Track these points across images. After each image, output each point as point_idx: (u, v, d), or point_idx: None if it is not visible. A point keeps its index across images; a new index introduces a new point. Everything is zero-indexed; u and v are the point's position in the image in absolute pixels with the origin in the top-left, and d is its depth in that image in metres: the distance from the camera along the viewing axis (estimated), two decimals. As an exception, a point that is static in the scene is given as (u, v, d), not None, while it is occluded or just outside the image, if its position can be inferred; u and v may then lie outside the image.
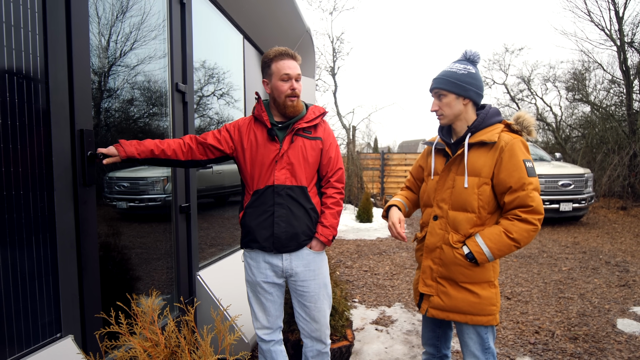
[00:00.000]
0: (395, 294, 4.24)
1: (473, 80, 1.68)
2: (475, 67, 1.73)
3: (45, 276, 1.48)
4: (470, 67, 1.69)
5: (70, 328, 1.57)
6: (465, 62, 1.72)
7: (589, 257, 5.68)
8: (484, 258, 1.61)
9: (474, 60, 1.73)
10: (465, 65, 1.70)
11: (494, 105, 1.75)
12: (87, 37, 1.66)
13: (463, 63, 1.71)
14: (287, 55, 1.80)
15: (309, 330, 1.95)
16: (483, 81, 1.79)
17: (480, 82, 1.72)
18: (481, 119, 1.68)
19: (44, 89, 1.47)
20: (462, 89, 1.67)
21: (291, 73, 1.79)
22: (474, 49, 1.72)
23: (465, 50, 1.74)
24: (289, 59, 1.80)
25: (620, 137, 11.48)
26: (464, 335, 1.73)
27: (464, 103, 1.69)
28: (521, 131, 1.68)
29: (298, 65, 1.84)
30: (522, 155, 1.60)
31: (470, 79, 1.67)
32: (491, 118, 1.69)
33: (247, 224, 1.86)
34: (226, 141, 1.88)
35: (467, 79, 1.67)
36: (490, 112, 1.71)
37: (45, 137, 1.48)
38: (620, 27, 11.59)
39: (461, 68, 1.69)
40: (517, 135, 1.66)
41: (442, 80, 1.70)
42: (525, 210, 1.57)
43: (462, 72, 1.68)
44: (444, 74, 1.71)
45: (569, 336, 3.19)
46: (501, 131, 1.66)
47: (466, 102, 1.70)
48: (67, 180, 1.57)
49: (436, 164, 1.82)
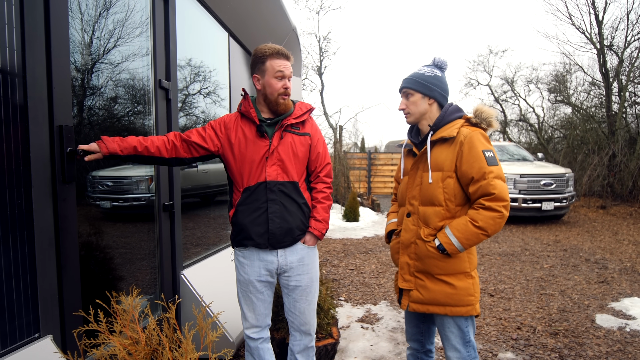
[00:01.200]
0: (381, 292, 4.27)
1: (439, 82, 1.79)
2: (442, 72, 1.83)
3: (23, 275, 1.44)
4: (437, 71, 1.80)
5: (49, 328, 1.53)
6: (433, 66, 1.83)
7: (569, 255, 5.82)
8: (454, 248, 1.66)
9: (442, 67, 1.84)
10: (433, 69, 1.81)
11: (455, 104, 1.84)
12: (66, 31, 1.62)
13: (431, 67, 1.82)
14: (282, 54, 1.83)
15: (299, 323, 1.97)
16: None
17: (446, 86, 1.82)
18: (441, 116, 1.77)
19: (22, 84, 1.44)
20: (428, 89, 1.77)
21: (285, 72, 1.82)
22: (443, 57, 1.85)
23: (434, 57, 1.85)
24: (284, 58, 1.83)
25: (600, 137, 11.78)
26: (445, 329, 1.77)
27: (429, 103, 1.79)
28: (480, 123, 1.75)
29: (290, 65, 1.86)
30: (482, 146, 1.66)
31: (436, 80, 1.78)
32: (451, 115, 1.77)
33: (239, 221, 1.85)
34: (211, 139, 1.86)
35: (433, 80, 1.78)
36: (450, 109, 1.79)
37: (23, 133, 1.44)
38: (600, 30, 11.90)
39: (428, 71, 1.80)
40: (476, 128, 1.73)
41: (410, 80, 1.81)
42: (488, 198, 1.63)
43: (429, 74, 1.79)
44: (413, 75, 1.82)
45: (550, 331, 3.26)
46: (461, 126, 1.73)
47: (431, 102, 1.79)
48: (46, 177, 1.53)
49: (405, 163, 1.91)
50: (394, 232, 1.94)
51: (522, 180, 7.98)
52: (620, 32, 14.03)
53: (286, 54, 1.84)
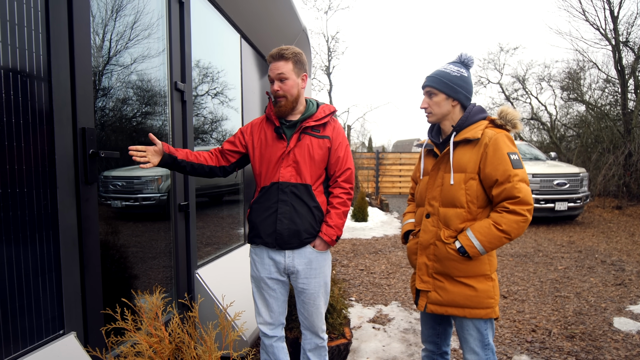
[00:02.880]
0: (391, 293, 4.27)
1: (464, 83, 1.74)
2: (468, 71, 1.78)
3: (49, 273, 1.48)
4: (463, 70, 1.75)
5: (73, 325, 1.57)
6: (459, 64, 1.78)
7: (584, 256, 5.74)
8: (476, 251, 1.65)
9: (468, 64, 1.79)
10: (459, 68, 1.75)
11: (479, 104, 1.80)
12: (88, 36, 1.66)
13: (457, 65, 1.77)
14: (271, 57, 1.85)
15: (307, 324, 1.99)
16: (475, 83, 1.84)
17: (471, 87, 1.78)
18: (465, 117, 1.74)
19: (47, 87, 1.48)
20: (453, 91, 1.73)
21: (272, 75, 1.84)
22: (469, 53, 1.77)
23: (460, 53, 1.79)
24: (273, 61, 1.84)
25: (615, 136, 11.57)
26: (464, 332, 1.76)
27: (452, 104, 1.75)
28: (505, 125, 1.72)
29: (285, 63, 1.81)
30: (507, 149, 1.64)
31: (462, 82, 1.74)
32: (474, 116, 1.74)
33: (252, 219, 1.92)
34: (240, 141, 1.97)
35: (459, 81, 1.73)
36: (474, 110, 1.76)
37: (48, 135, 1.48)
38: (615, 26, 11.69)
39: (455, 70, 1.74)
40: (501, 130, 1.71)
41: (435, 79, 1.76)
42: (513, 201, 1.61)
43: (455, 74, 1.73)
44: (438, 73, 1.76)
45: (566, 334, 3.22)
46: (485, 127, 1.71)
47: (455, 104, 1.76)
48: (70, 178, 1.57)
49: (426, 164, 1.88)
50: (411, 232, 1.93)
51: (534, 180, 7.88)
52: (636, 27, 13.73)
53: (276, 54, 1.82)
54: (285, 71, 1.82)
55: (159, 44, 2.34)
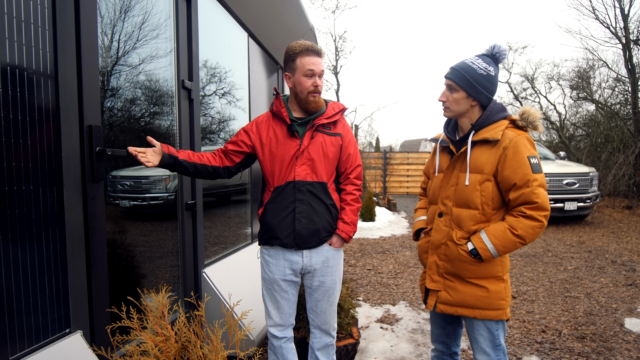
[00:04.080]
0: (399, 293, 4.23)
1: (489, 84, 1.64)
2: (497, 68, 1.67)
3: (55, 271, 1.48)
4: (491, 68, 1.64)
5: (79, 323, 1.57)
6: (489, 59, 1.66)
7: (594, 257, 5.65)
8: (488, 254, 1.61)
9: (498, 59, 1.68)
10: (487, 65, 1.64)
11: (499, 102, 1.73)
12: (95, 34, 1.66)
13: (486, 61, 1.65)
14: (313, 51, 1.80)
15: (319, 322, 1.97)
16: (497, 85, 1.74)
17: (495, 87, 1.69)
18: (485, 116, 1.66)
19: (54, 85, 1.47)
20: (475, 91, 1.64)
21: (315, 69, 1.79)
22: (503, 46, 1.65)
23: (493, 45, 1.67)
24: (314, 55, 1.80)
25: (625, 135, 11.40)
26: (474, 332, 1.72)
27: (472, 104, 1.68)
28: (526, 127, 1.66)
29: (322, 61, 1.83)
30: (527, 152, 1.59)
31: (486, 82, 1.63)
32: (495, 115, 1.67)
33: (267, 220, 1.87)
34: (243, 142, 1.91)
35: (484, 81, 1.63)
36: (495, 108, 1.67)
37: (55, 133, 1.48)
38: (625, 24, 11.52)
39: (482, 67, 1.63)
40: (522, 132, 1.64)
41: (458, 74, 1.65)
42: (530, 207, 1.56)
43: (481, 72, 1.63)
44: (463, 67, 1.65)
45: (576, 335, 3.17)
46: (505, 128, 1.64)
47: (474, 104, 1.68)
48: (76, 176, 1.57)
49: (441, 161, 1.82)
50: (423, 230, 1.89)
51: (543, 179, 7.78)
52: (646, 26, 13.55)
53: (317, 50, 1.80)
54: (323, 68, 1.83)
55: (166, 44, 2.33)
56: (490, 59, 1.67)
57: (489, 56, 1.68)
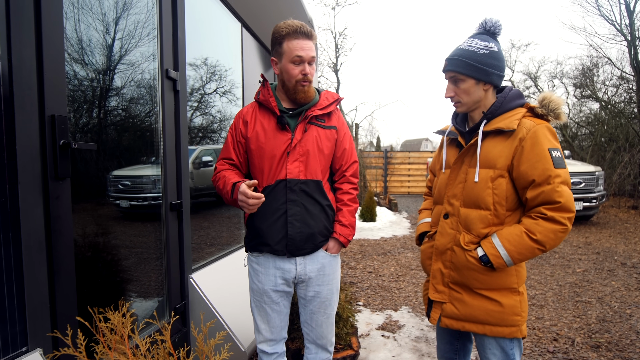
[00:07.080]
0: (401, 297, 4.04)
1: (495, 61, 1.44)
2: (497, 43, 1.48)
3: (8, 282, 1.28)
4: (491, 45, 1.45)
5: (39, 341, 1.37)
6: (485, 36, 1.47)
7: (603, 258, 5.45)
8: (501, 262, 1.39)
9: (495, 32, 1.48)
10: (487, 43, 1.45)
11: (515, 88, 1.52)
12: (60, 8, 1.46)
13: (483, 39, 1.46)
14: (302, 33, 1.56)
15: (315, 336, 1.77)
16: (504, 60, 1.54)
17: (503, 63, 1.49)
18: (499, 103, 1.46)
19: (6, 67, 1.27)
20: (484, 73, 1.44)
21: (304, 55, 1.56)
22: (494, 18, 1.46)
23: (485, 20, 1.48)
24: (303, 38, 1.56)
25: (630, 134, 11.20)
26: (485, 350, 1.52)
27: (484, 89, 1.47)
28: (547, 115, 1.45)
29: (313, 45, 1.60)
30: (548, 144, 1.38)
31: (492, 59, 1.44)
32: (511, 102, 1.46)
33: (255, 224, 1.65)
34: (240, 145, 1.71)
35: (489, 60, 1.43)
36: (510, 94, 1.47)
37: (8, 123, 1.28)
38: (630, 21, 11.32)
39: (482, 46, 1.44)
40: (542, 121, 1.43)
41: (458, 62, 1.46)
42: (552, 207, 1.35)
43: (483, 52, 1.43)
44: (462, 53, 1.46)
45: (591, 344, 2.97)
46: (523, 116, 1.43)
47: (487, 88, 1.48)
48: (35, 172, 1.37)
49: (448, 155, 1.61)
50: (427, 234, 1.70)
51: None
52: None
53: (307, 32, 1.57)
54: (315, 54, 1.59)
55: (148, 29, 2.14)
56: (487, 36, 1.48)
57: (484, 33, 1.49)
